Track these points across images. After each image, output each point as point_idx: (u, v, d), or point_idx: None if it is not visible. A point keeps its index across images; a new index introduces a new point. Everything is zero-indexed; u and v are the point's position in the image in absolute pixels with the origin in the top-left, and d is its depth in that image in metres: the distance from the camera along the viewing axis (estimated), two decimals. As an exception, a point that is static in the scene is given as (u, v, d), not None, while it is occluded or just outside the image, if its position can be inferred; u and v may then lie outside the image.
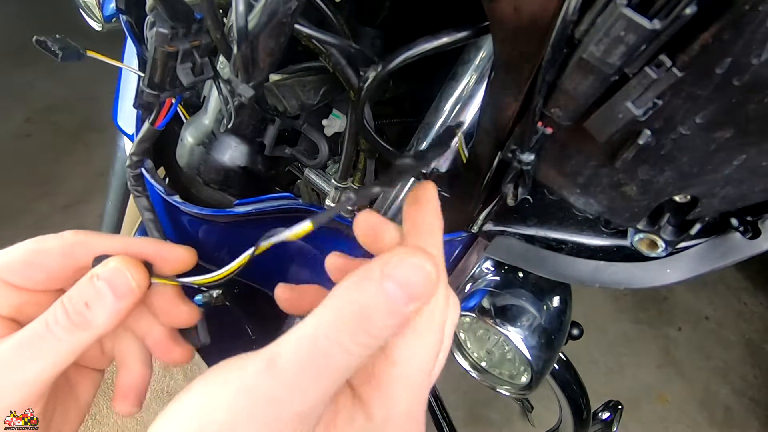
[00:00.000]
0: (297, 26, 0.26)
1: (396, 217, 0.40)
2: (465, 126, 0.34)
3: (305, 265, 0.45)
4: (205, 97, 0.44)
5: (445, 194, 0.35)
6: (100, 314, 0.24)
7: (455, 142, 0.30)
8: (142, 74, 0.35)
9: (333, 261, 0.27)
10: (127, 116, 0.51)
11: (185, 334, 0.45)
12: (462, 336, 0.49)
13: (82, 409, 0.29)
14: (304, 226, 0.19)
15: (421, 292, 0.17)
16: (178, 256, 0.29)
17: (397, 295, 0.17)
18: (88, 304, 0.24)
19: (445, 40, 0.26)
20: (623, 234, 0.33)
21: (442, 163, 0.37)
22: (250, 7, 0.24)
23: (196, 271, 0.29)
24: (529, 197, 0.34)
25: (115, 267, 0.25)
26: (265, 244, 0.21)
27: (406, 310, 0.17)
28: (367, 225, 0.24)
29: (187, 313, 0.31)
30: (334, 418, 0.20)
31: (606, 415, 0.71)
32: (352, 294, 0.18)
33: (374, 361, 0.20)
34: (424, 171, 0.36)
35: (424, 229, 0.22)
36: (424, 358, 0.21)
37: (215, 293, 0.39)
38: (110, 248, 0.27)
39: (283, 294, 0.29)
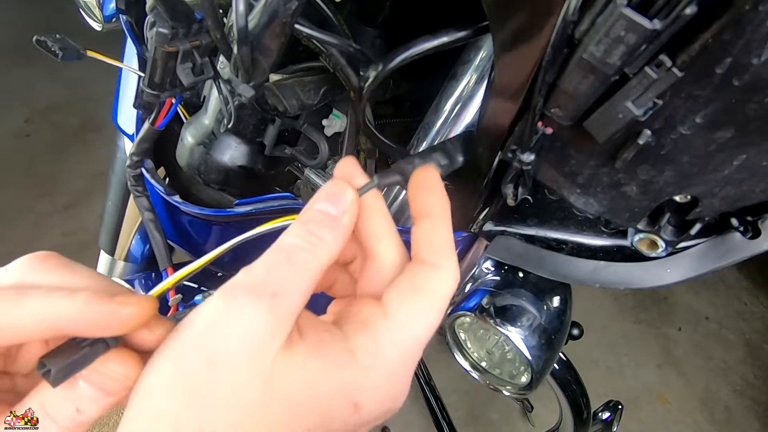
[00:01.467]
0: (297, 26, 0.26)
1: (397, 215, 0.40)
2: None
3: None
4: (205, 97, 0.44)
5: (449, 185, 0.35)
6: (94, 413, 0.21)
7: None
8: (142, 74, 0.35)
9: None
10: (127, 116, 0.51)
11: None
12: (462, 336, 0.49)
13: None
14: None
15: (334, 191, 0.23)
16: (128, 317, 0.20)
17: (320, 203, 0.23)
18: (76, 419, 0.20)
19: (444, 39, 0.26)
20: (623, 234, 0.33)
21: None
22: (250, 8, 0.24)
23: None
24: (529, 197, 0.34)
25: (96, 396, 0.20)
26: None
27: (328, 209, 0.23)
28: (346, 170, 0.25)
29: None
30: (321, 346, 0.21)
31: (606, 415, 0.70)
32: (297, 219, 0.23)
33: (372, 313, 0.22)
34: None
35: (436, 213, 0.24)
36: (420, 326, 0.22)
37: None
38: (29, 328, 0.19)
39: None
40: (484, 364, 0.49)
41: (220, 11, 0.26)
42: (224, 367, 0.18)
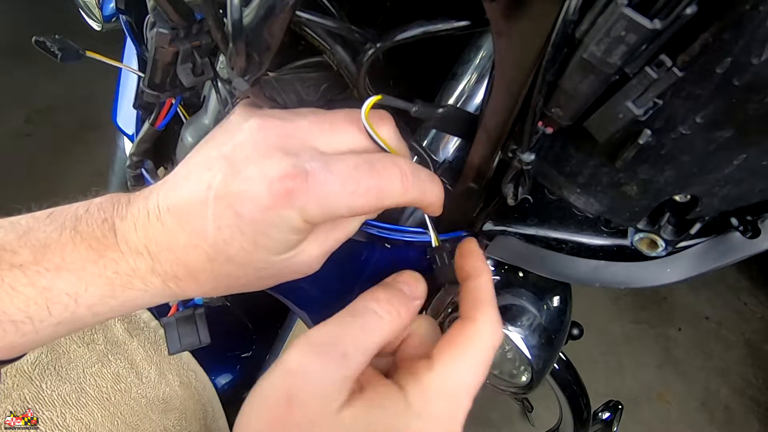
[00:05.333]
0: (298, 12, 0.26)
1: (397, 214, 0.40)
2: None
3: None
4: (205, 97, 0.44)
5: (449, 187, 0.35)
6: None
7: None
8: (141, 74, 0.35)
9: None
10: (126, 116, 0.51)
11: (186, 333, 0.45)
12: (462, 336, 0.49)
13: None
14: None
15: (416, 278, 0.30)
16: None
17: (403, 282, 0.29)
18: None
19: (440, 26, 0.26)
20: (623, 233, 0.33)
21: (450, 154, 0.37)
22: (247, 1, 0.24)
23: None
24: (529, 197, 0.34)
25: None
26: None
27: (408, 290, 0.28)
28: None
29: None
30: (378, 398, 0.23)
31: (606, 415, 0.70)
32: None
33: (421, 367, 0.24)
34: (437, 159, 0.36)
35: (478, 275, 0.28)
36: (464, 374, 0.24)
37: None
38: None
39: None
40: (484, 363, 0.49)
41: (221, 11, 0.26)
42: (299, 408, 0.22)
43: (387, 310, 0.26)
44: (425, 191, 0.26)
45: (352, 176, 0.23)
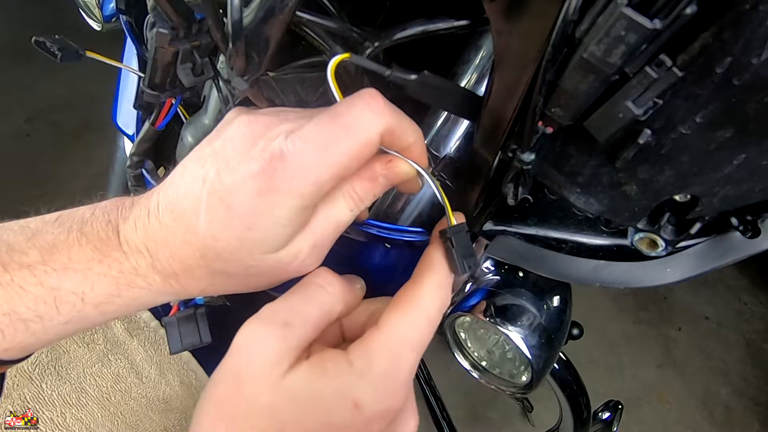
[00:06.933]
0: (298, 12, 0.26)
1: (397, 215, 0.40)
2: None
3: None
4: (205, 96, 0.44)
5: (450, 185, 0.35)
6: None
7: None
8: (142, 74, 0.35)
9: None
10: (127, 116, 0.51)
11: (187, 333, 0.45)
12: (462, 336, 0.49)
13: None
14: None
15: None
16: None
17: None
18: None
19: (441, 25, 0.26)
20: (623, 233, 0.33)
21: (451, 151, 0.37)
22: (247, 2, 0.24)
23: None
24: (529, 197, 0.34)
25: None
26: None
27: None
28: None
29: None
30: (322, 362, 0.24)
31: (606, 415, 0.70)
32: None
33: (368, 331, 0.25)
34: (437, 154, 0.36)
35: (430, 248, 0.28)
36: (406, 330, 0.25)
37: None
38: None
39: None
40: (484, 363, 0.49)
41: (221, 11, 0.26)
42: (246, 382, 0.23)
43: (330, 281, 0.27)
44: (402, 121, 0.25)
45: (318, 132, 0.23)
